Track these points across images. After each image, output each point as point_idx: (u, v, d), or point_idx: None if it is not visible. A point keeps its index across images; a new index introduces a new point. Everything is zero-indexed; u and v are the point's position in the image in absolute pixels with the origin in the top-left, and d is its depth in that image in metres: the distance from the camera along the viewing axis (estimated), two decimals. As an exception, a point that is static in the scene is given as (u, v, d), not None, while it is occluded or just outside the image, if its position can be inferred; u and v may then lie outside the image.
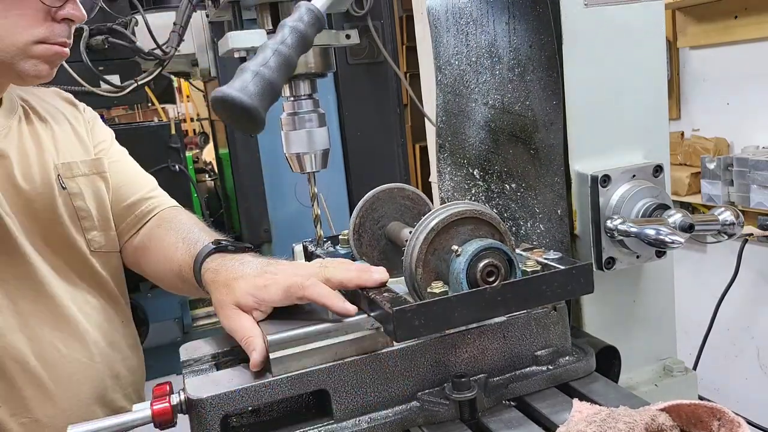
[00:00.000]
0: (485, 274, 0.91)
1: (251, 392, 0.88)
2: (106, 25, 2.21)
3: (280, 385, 0.89)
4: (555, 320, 1.01)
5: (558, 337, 1.02)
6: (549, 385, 0.99)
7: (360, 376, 0.92)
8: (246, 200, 2.91)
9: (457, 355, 0.96)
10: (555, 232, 1.13)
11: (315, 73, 1.18)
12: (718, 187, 3.02)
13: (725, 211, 1.11)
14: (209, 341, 1.08)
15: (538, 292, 0.90)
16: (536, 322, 1.00)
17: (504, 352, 0.98)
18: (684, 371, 1.26)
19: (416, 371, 0.94)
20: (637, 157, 1.18)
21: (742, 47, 3.09)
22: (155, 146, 2.52)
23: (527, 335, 1.00)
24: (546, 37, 1.08)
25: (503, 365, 0.99)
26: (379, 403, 0.93)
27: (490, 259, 0.91)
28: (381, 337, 0.94)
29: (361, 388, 0.92)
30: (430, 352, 0.94)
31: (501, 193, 1.26)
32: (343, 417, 0.91)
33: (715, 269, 3.16)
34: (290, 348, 0.91)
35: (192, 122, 4.57)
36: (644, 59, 1.17)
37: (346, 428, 0.91)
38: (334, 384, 0.91)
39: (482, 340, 0.97)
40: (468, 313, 0.87)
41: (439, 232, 0.93)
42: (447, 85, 1.40)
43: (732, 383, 3.35)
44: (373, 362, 0.92)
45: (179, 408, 0.90)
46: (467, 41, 1.30)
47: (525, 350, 1.00)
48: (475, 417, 0.92)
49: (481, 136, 1.31)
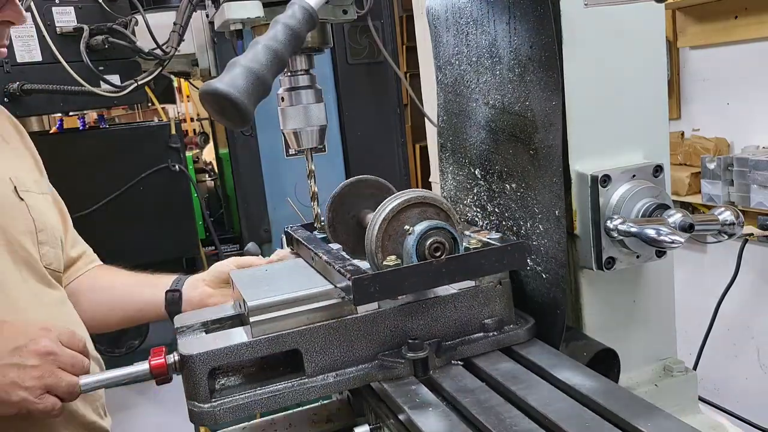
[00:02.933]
0: (432, 250, 1.06)
1: (234, 350, 1.02)
2: (106, 25, 2.21)
3: (258, 344, 1.02)
4: (500, 293, 1.14)
5: (503, 308, 1.15)
6: (493, 348, 1.12)
7: (328, 338, 1.05)
8: (246, 200, 2.91)
9: (413, 322, 1.09)
10: (553, 233, 1.13)
11: (312, 47, 1.18)
12: (718, 187, 3.02)
13: (725, 211, 1.11)
14: (200, 313, 1.23)
15: (478, 265, 1.07)
16: (483, 295, 1.13)
17: (455, 320, 1.12)
18: (684, 371, 1.26)
19: (377, 335, 1.07)
20: (637, 157, 1.18)
21: (742, 47, 3.09)
22: (155, 146, 2.52)
23: (475, 306, 1.13)
24: (546, 38, 1.08)
25: (454, 331, 1.12)
26: (345, 361, 1.06)
27: (436, 237, 1.06)
28: (347, 306, 1.07)
29: (329, 349, 1.05)
30: (389, 320, 1.08)
31: (502, 193, 1.26)
32: (313, 373, 1.04)
33: (715, 269, 3.16)
34: (268, 313, 1.04)
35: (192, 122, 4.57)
36: (644, 59, 1.17)
37: (316, 382, 1.04)
38: (306, 345, 1.04)
39: (435, 309, 1.10)
40: (416, 282, 1.03)
41: (393, 216, 1.08)
42: (448, 85, 1.40)
43: (732, 383, 3.35)
44: (340, 327, 1.05)
45: (174, 367, 1.03)
46: (467, 41, 1.30)
47: (473, 319, 1.13)
48: (426, 374, 1.06)
49: (482, 135, 1.31)
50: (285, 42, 0.93)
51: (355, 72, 2.96)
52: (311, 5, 0.97)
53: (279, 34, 0.93)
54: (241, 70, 0.89)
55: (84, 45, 2.14)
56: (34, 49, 2.19)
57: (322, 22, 1.15)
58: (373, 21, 2.76)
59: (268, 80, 0.91)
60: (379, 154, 3.07)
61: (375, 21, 2.79)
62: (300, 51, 1.14)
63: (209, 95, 0.88)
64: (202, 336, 1.12)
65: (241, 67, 0.89)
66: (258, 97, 0.90)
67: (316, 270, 1.19)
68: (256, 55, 0.91)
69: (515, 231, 1.23)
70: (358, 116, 3.00)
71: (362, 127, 3.03)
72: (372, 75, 2.98)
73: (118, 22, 2.22)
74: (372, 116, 3.03)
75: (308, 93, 1.18)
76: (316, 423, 1.27)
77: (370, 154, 3.04)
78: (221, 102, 0.88)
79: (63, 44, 2.18)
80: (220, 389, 1.05)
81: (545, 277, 1.16)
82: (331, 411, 1.29)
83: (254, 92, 0.89)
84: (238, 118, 0.89)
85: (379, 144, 3.07)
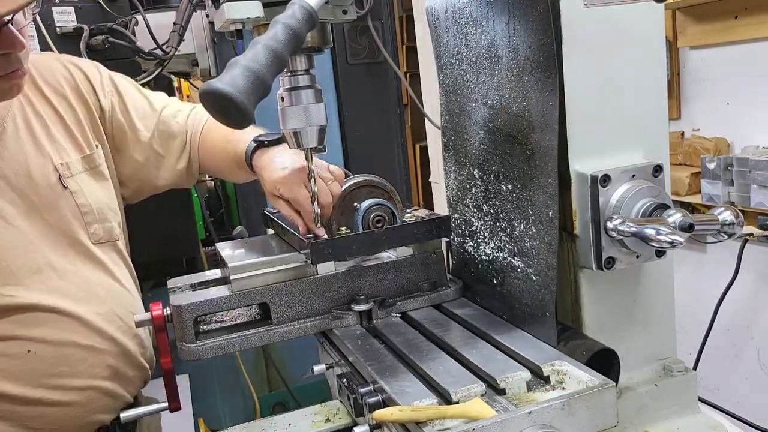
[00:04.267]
0: (375, 222, 1.33)
1: (214, 302, 1.26)
2: (106, 25, 2.21)
3: (234, 298, 1.27)
4: (435, 261, 1.40)
5: (437, 273, 1.40)
6: (427, 304, 1.37)
7: (291, 294, 1.29)
8: (246, 200, 2.91)
9: (361, 282, 1.34)
10: (544, 234, 1.13)
11: (312, 47, 1.18)
12: (718, 187, 3.02)
13: (725, 211, 1.11)
14: (191, 277, 1.46)
15: (410, 234, 1.34)
16: (420, 262, 1.39)
17: (396, 282, 1.37)
18: (684, 371, 1.26)
19: (331, 293, 1.32)
20: (637, 157, 1.18)
21: (742, 47, 3.09)
22: (155, 146, 2.51)
23: (413, 270, 1.38)
24: (545, 38, 1.08)
25: (395, 291, 1.37)
26: (305, 314, 1.30)
27: (378, 211, 1.33)
28: (309, 268, 1.31)
29: (292, 303, 1.29)
30: (342, 281, 1.32)
31: (498, 194, 1.26)
32: (279, 323, 1.28)
33: (715, 269, 3.16)
34: (244, 272, 1.28)
35: (192, 122, 4.56)
36: (644, 59, 1.17)
37: (280, 329, 1.28)
38: (273, 299, 1.28)
39: (380, 272, 1.36)
40: (362, 247, 1.31)
41: (345, 196, 1.35)
42: (449, 85, 1.40)
43: (732, 383, 3.35)
44: (302, 285, 1.30)
45: (168, 318, 1.25)
46: (467, 41, 1.30)
47: (412, 281, 1.38)
48: (370, 323, 1.31)
49: (481, 136, 1.31)
50: (285, 42, 0.93)
51: (355, 72, 2.95)
52: (311, 5, 0.97)
53: (279, 34, 0.93)
54: (241, 70, 0.89)
55: (84, 45, 2.14)
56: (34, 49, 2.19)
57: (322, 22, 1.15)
58: (373, 21, 2.75)
59: (268, 80, 0.91)
60: (379, 154, 3.07)
61: (375, 21, 2.78)
62: (300, 51, 1.14)
63: (209, 95, 0.88)
64: (190, 292, 1.35)
65: (240, 67, 0.89)
66: (258, 97, 0.90)
67: (286, 242, 1.44)
68: (256, 55, 0.91)
69: (509, 232, 1.23)
70: (358, 116, 3.00)
71: (362, 127, 3.02)
72: (372, 75, 2.98)
73: (118, 22, 2.22)
74: (372, 116, 3.03)
75: (308, 93, 1.18)
76: (315, 423, 1.27)
77: (370, 154, 3.04)
78: (221, 102, 0.88)
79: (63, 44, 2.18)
80: (203, 333, 1.28)
81: (535, 279, 1.17)
82: (331, 411, 1.30)
83: (254, 92, 0.89)
84: (238, 118, 0.90)
85: (379, 144, 3.07)
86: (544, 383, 1.04)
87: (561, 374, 1.04)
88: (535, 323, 1.17)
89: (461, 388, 0.99)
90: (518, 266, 1.21)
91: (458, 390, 0.99)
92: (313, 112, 1.18)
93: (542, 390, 1.03)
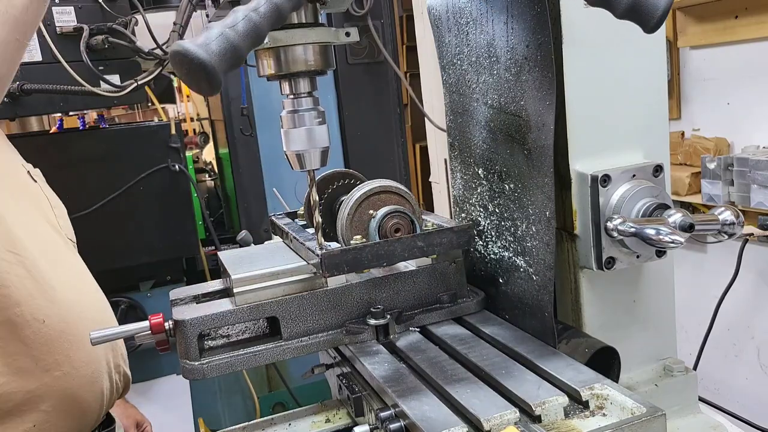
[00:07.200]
0: (393, 231, 1.22)
1: (220, 316, 1.17)
2: (106, 25, 2.21)
3: (241, 312, 1.17)
4: (454, 270, 1.30)
5: (456, 283, 1.30)
6: (448, 317, 1.28)
7: (302, 307, 1.20)
8: (246, 200, 2.91)
9: (377, 294, 1.24)
10: (543, 234, 1.13)
11: (315, 70, 1.18)
12: (718, 187, 3.02)
13: (725, 211, 1.11)
14: (192, 287, 1.37)
15: (429, 243, 1.20)
16: (439, 272, 1.29)
17: (414, 293, 1.27)
18: (684, 371, 1.26)
19: (345, 306, 1.22)
20: (637, 157, 1.18)
21: (742, 47, 3.09)
22: (155, 146, 2.52)
23: (432, 281, 1.28)
24: (543, 37, 1.08)
25: (413, 303, 1.27)
26: (317, 328, 1.21)
27: (396, 219, 1.23)
28: (319, 280, 1.22)
29: (303, 317, 1.20)
30: (355, 292, 1.23)
31: (501, 193, 1.26)
32: (289, 338, 1.19)
33: (715, 269, 3.16)
34: (250, 285, 1.19)
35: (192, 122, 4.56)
36: (644, 59, 1.17)
37: (291, 345, 1.19)
38: (282, 312, 1.19)
39: (397, 283, 1.26)
40: (377, 257, 1.17)
41: (360, 202, 1.24)
42: (452, 85, 1.40)
43: (732, 383, 3.35)
44: (313, 298, 1.20)
45: (170, 333, 1.16)
46: (468, 41, 1.30)
47: (430, 293, 1.28)
48: (387, 338, 1.22)
49: (483, 135, 1.31)
50: (265, 15, 0.88)
51: (355, 72, 2.96)
52: None
53: (261, 6, 0.88)
54: (216, 34, 0.84)
55: (84, 45, 2.14)
56: (34, 49, 2.19)
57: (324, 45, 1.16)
58: (373, 21, 2.75)
59: (243, 50, 0.86)
60: (379, 154, 3.07)
61: (375, 21, 2.78)
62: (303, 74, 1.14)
63: (179, 55, 0.82)
64: (193, 305, 1.27)
65: (216, 32, 0.84)
66: (229, 65, 0.85)
67: (293, 250, 1.34)
68: (235, 22, 0.86)
69: (512, 232, 1.23)
70: (358, 116, 3.00)
71: (362, 127, 3.02)
72: (372, 75, 2.98)
73: (118, 22, 2.22)
74: (372, 116, 3.03)
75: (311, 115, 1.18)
76: (315, 423, 1.27)
77: (370, 154, 3.04)
78: (190, 64, 0.82)
79: (63, 44, 2.18)
80: (208, 350, 1.20)
81: (535, 279, 1.17)
82: (331, 411, 1.30)
83: (225, 59, 0.84)
84: (205, 83, 0.84)
85: (379, 144, 3.07)
86: (583, 408, 0.96)
87: (601, 399, 0.96)
88: (535, 323, 1.17)
89: (493, 415, 0.91)
90: (521, 266, 1.21)
91: (490, 417, 0.91)
92: (316, 134, 1.18)
93: (581, 416, 0.94)
